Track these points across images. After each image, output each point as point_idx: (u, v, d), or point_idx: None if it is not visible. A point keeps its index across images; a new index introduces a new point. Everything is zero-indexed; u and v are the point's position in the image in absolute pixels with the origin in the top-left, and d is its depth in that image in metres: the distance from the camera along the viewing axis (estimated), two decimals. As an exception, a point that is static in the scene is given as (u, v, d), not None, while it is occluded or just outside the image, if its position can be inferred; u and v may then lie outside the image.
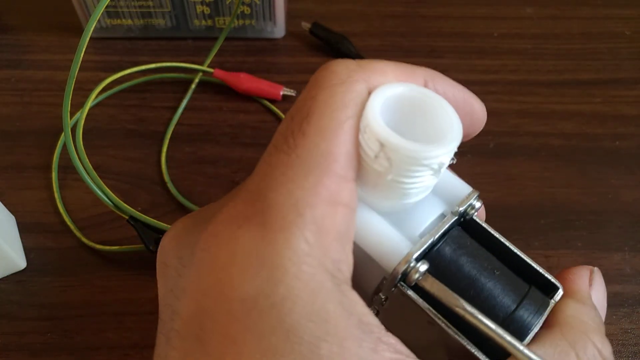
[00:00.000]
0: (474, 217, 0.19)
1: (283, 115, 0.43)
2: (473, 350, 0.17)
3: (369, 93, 0.16)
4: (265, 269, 0.14)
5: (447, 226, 0.18)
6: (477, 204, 0.19)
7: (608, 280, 0.35)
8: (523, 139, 0.42)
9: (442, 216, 0.19)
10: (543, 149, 0.42)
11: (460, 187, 0.19)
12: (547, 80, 0.46)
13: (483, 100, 0.20)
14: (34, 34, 0.47)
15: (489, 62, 0.47)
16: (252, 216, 0.15)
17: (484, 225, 0.19)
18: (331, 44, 0.46)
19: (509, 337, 0.16)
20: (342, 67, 0.17)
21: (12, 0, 0.50)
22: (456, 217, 0.18)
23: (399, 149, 0.15)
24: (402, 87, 0.17)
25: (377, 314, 0.18)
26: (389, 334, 0.15)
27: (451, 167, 0.19)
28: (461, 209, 0.19)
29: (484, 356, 0.17)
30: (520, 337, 0.17)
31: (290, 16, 0.48)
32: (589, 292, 0.19)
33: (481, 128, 0.20)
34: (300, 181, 0.15)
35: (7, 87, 0.44)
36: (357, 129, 0.16)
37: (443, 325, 0.17)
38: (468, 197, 0.19)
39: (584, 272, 0.20)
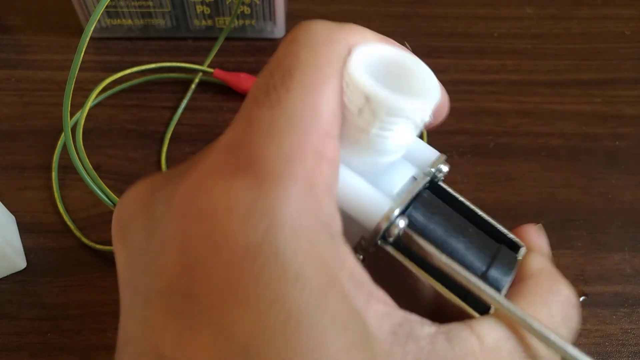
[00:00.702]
0: (440, 183, 0.20)
1: (283, 115, 0.43)
2: (455, 301, 0.17)
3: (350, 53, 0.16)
4: (265, 219, 0.13)
5: (421, 186, 0.19)
6: (445, 168, 0.20)
7: (608, 280, 0.35)
8: (523, 139, 0.42)
9: (414, 179, 0.19)
10: (543, 149, 0.42)
11: (429, 152, 0.20)
12: (547, 80, 0.46)
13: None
14: (34, 34, 0.47)
15: (489, 62, 0.47)
16: (242, 168, 0.14)
17: (450, 190, 0.20)
18: (331, 44, 0.46)
19: (488, 289, 0.17)
20: (322, 26, 0.16)
21: (12, 0, 0.50)
22: (428, 178, 0.19)
23: (385, 101, 0.15)
24: (383, 47, 0.17)
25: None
26: (378, 287, 0.15)
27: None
28: (432, 169, 0.19)
29: (466, 305, 0.17)
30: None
31: (290, 16, 0.48)
32: (544, 245, 0.21)
33: (444, 116, 0.21)
34: (287, 135, 0.14)
35: (7, 87, 0.44)
36: (341, 87, 0.16)
37: (423, 277, 0.17)
38: (437, 160, 0.20)
39: (534, 229, 0.21)
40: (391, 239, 0.17)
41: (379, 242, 0.17)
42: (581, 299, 0.35)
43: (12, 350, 0.32)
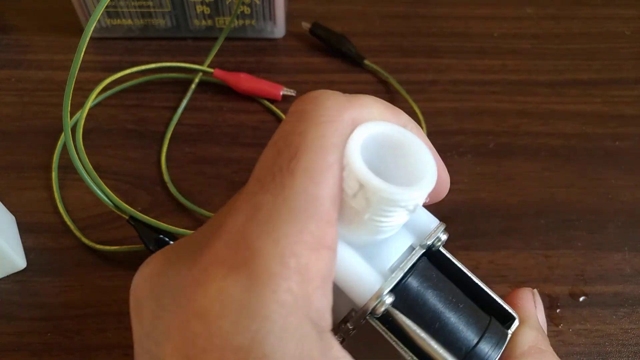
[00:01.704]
0: (440, 249, 0.20)
1: (283, 116, 0.43)
2: None
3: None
4: (256, 321, 0.14)
5: (415, 259, 0.19)
6: (444, 237, 0.20)
7: (608, 280, 0.35)
8: (523, 139, 0.42)
9: (411, 248, 0.19)
10: (543, 149, 0.42)
11: (428, 220, 0.20)
12: (547, 80, 0.46)
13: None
14: (34, 34, 0.47)
15: (489, 62, 0.47)
16: (238, 265, 0.15)
17: (449, 256, 0.20)
18: (331, 44, 0.46)
19: None
20: (333, 102, 0.16)
21: (12, 0, 0.50)
22: (424, 250, 0.19)
23: (377, 191, 0.15)
24: (384, 126, 0.17)
25: (342, 342, 0.18)
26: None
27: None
28: (429, 242, 0.19)
29: None
30: None
31: (290, 16, 0.48)
32: (536, 316, 0.20)
33: (443, 196, 0.20)
34: (286, 228, 0.15)
35: (7, 87, 0.44)
36: (340, 171, 0.16)
37: (405, 354, 0.18)
38: (435, 230, 0.19)
39: (529, 296, 0.21)
40: (377, 316, 0.17)
41: (367, 317, 0.18)
42: (581, 299, 0.35)
43: (12, 350, 0.32)
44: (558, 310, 0.34)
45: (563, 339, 0.33)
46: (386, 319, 0.18)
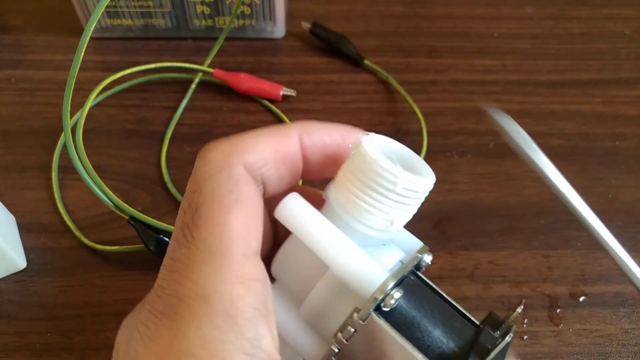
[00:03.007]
0: (421, 275, 0.20)
1: (283, 115, 0.43)
2: None
3: (252, 177, 0.18)
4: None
5: (412, 266, 0.20)
6: (429, 258, 0.20)
7: (608, 280, 0.35)
8: (523, 139, 0.42)
9: (401, 263, 0.20)
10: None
11: (414, 241, 0.21)
12: (547, 80, 0.46)
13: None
14: (34, 34, 0.47)
15: (489, 62, 0.47)
16: (166, 313, 0.16)
17: (430, 282, 0.21)
18: (331, 44, 0.46)
19: None
20: (217, 153, 0.18)
21: (12, 0, 0.50)
22: (416, 262, 0.20)
23: (408, 179, 0.18)
24: (384, 139, 0.20)
25: (337, 353, 0.19)
26: None
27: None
28: (419, 255, 0.20)
29: None
30: None
31: (290, 16, 0.48)
32: None
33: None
34: (202, 270, 0.16)
35: (7, 87, 0.44)
36: (247, 209, 0.17)
37: (415, 353, 0.18)
38: (422, 249, 0.21)
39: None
40: (387, 309, 0.18)
41: (373, 312, 0.18)
42: (581, 299, 0.35)
43: (12, 350, 0.32)
44: (558, 310, 0.34)
45: (563, 339, 0.33)
46: (389, 318, 0.18)
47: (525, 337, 0.33)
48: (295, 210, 0.19)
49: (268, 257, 0.20)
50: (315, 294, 0.19)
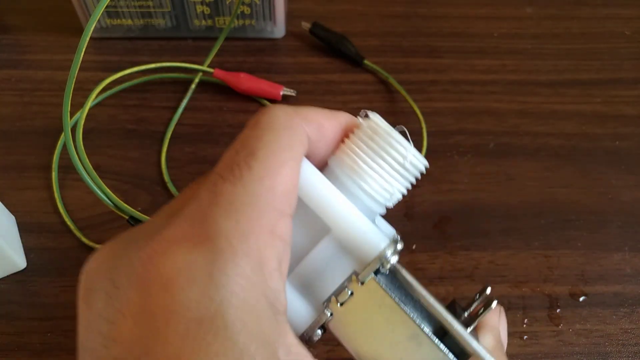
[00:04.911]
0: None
1: (283, 115, 0.43)
2: (433, 340, 0.18)
3: (305, 145, 0.19)
4: (220, 292, 0.15)
5: (398, 244, 0.20)
6: (400, 245, 0.20)
7: (608, 280, 0.35)
8: (523, 139, 0.42)
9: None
10: (543, 149, 0.42)
11: (390, 228, 0.22)
12: (547, 80, 0.46)
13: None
14: (34, 34, 0.47)
15: (489, 62, 0.47)
16: (203, 240, 0.16)
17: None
18: (331, 44, 0.46)
19: (467, 334, 0.18)
20: (283, 112, 0.18)
21: (12, 0, 0.50)
22: (398, 244, 0.20)
23: (417, 155, 0.20)
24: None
25: (330, 316, 0.19)
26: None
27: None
28: (398, 236, 0.20)
29: (443, 346, 0.18)
30: None
31: (290, 16, 0.48)
32: (498, 328, 0.21)
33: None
34: (246, 212, 0.16)
35: (7, 87, 0.44)
36: (298, 170, 0.18)
37: (411, 315, 0.18)
38: (396, 235, 0.21)
39: (496, 310, 0.22)
40: (386, 270, 0.18)
41: (373, 275, 0.18)
42: (581, 299, 0.35)
43: (12, 350, 0.32)
44: (558, 310, 0.34)
45: (563, 339, 0.33)
46: (387, 279, 0.19)
47: (525, 337, 0.33)
48: (307, 176, 0.19)
49: None
50: (313, 255, 0.19)
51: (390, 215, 0.38)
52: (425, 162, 0.20)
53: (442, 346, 0.18)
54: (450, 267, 0.35)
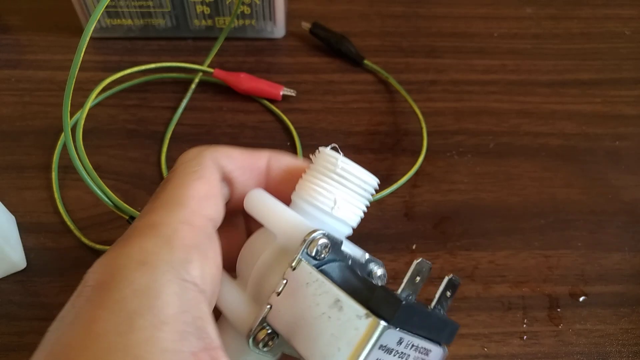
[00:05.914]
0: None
1: (283, 115, 0.43)
2: (350, 298, 0.19)
3: (218, 169, 0.22)
4: (121, 258, 0.18)
5: (344, 236, 0.23)
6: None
7: (608, 280, 0.35)
8: (523, 139, 0.42)
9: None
10: (543, 149, 0.42)
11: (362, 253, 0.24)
12: (547, 80, 0.46)
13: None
14: (34, 34, 0.47)
15: (489, 62, 0.47)
16: (120, 240, 0.19)
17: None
18: (331, 44, 0.46)
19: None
20: (193, 149, 0.22)
21: (12, 0, 0.50)
22: (340, 240, 0.21)
23: (346, 161, 0.22)
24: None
25: (268, 315, 0.20)
26: (219, 348, 0.17)
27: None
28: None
29: (360, 305, 0.18)
30: None
31: (290, 16, 0.48)
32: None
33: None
34: (158, 212, 0.20)
35: (7, 87, 0.44)
36: (207, 184, 0.21)
37: (344, 296, 0.19)
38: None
39: None
40: (319, 254, 0.20)
41: (302, 258, 0.20)
42: (581, 299, 0.35)
43: (12, 350, 0.32)
44: (558, 310, 0.34)
45: (563, 339, 0.33)
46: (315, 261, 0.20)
47: (525, 337, 0.33)
48: (256, 196, 0.23)
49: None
50: (261, 262, 0.21)
51: (391, 215, 0.38)
52: (359, 168, 0.22)
53: (353, 301, 0.18)
54: (450, 267, 0.35)
